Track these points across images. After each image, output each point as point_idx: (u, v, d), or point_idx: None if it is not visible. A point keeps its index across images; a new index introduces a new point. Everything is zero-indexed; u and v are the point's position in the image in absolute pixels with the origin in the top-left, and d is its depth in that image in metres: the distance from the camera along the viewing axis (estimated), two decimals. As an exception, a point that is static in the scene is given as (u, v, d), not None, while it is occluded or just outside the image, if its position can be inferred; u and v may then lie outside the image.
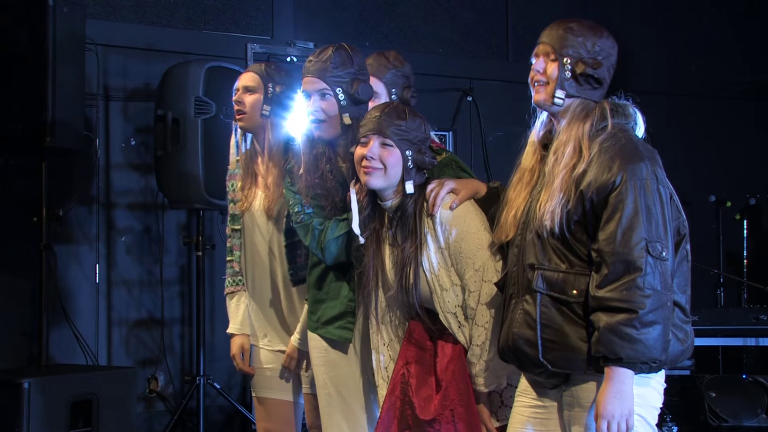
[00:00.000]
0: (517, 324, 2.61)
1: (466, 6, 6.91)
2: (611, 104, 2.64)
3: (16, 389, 4.50)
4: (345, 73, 3.12)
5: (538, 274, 2.57)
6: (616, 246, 2.45)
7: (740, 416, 5.80)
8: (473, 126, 6.73)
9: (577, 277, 2.53)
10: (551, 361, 2.55)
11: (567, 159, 2.56)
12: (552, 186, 2.56)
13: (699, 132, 7.49)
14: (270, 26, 6.21)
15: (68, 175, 5.47)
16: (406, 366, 2.97)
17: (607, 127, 2.59)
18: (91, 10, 5.57)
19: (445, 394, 2.87)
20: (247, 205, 3.54)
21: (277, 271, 3.52)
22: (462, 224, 2.85)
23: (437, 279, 2.88)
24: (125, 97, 5.79)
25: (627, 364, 2.44)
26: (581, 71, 2.60)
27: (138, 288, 5.81)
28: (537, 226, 2.57)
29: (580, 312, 2.52)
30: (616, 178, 2.48)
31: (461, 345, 2.90)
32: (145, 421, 5.72)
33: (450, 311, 2.88)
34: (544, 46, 2.65)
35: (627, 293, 2.42)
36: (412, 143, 2.90)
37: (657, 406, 2.60)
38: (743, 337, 5.37)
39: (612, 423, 2.45)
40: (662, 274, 2.45)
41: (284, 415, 3.59)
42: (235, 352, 3.65)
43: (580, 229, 2.54)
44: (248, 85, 3.53)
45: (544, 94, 2.63)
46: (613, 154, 2.52)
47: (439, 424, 2.86)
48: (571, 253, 2.55)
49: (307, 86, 3.15)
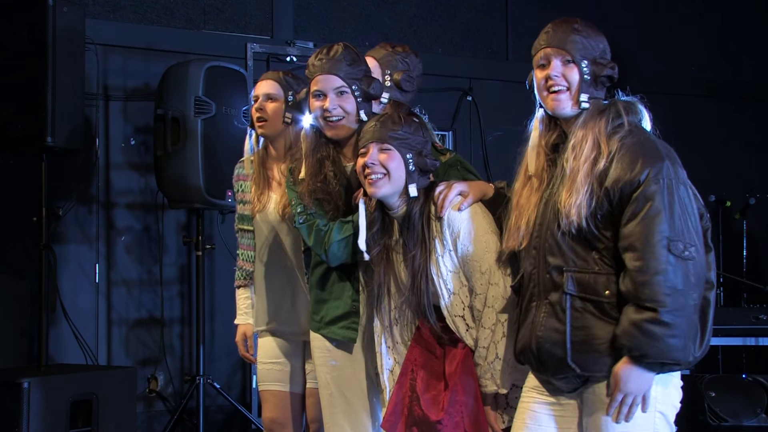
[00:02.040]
0: (541, 327, 2.58)
1: (466, 5, 6.91)
2: (623, 103, 2.64)
3: (15, 389, 4.49)
4: (358, 70, 3.10)
5: (568, 276, 2.54)
6: (637, 244, 2.44)
7: (740, 416, 5.80)
8: (473, 126, 6.73)
9: (609, 277, 2.52)
10: (580, 363, 2.53)
11: (587, 152, 2.54)
12: (575, 181, 2.53)
13: (699, 132, 7.49)
14: (270, 26, 6.21)
15: (68, 174, 5.47)
16: (414, 367, 2.98)
17: (624, 125, 2.58)
18: (90, 9, 5.57)
19: (453, 394, 2.87)
20: (261, 208, 3.57)
21: (290, 270, 3.54)
22: (470, 226, 2.84)
23: (445, 283, 2.88)
24: (125, 96, 5.79)
25: (647, 364, 2.45)
26: (601, 73, 2.61)
27: (138, 288, 5.81)
28: (563, 224, 2.54)
29: (612, 312, 2.51)
30: (640, 177, 2.47)
31: (469, 347, 2.90)
32: (145, 420, 5.72)
33: (458, 314, 2.88)
34: (556, 50, 2.61)
35: (649, 291, 2.42)
36: (411, 147, 2.90)
37: (677, 405, 2.62)
38: (743, 337, 5.37)
39: (627, 397, 2.48)
40: (685, 273, 2.43)
41: (288, 406, 3.62)
42: (238, 339, 3.76)
43: (607, 225, 2.53)
44: (269, 93, 3.56)
45: (567, 100, 2.61)
46: (635, 152, 2.51)
47: (447, 423, 2.86)
48: (597, 253, 2.53)
49: (321, 85, 3.10)
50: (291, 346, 3.60)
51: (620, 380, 2.47)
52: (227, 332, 5.99)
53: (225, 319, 5.97)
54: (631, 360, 2.46)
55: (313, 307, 3.29)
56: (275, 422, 3.62)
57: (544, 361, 2.59)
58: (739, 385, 5.89)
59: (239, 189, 3.73)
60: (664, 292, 2.41)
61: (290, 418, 3.63)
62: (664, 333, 2.41)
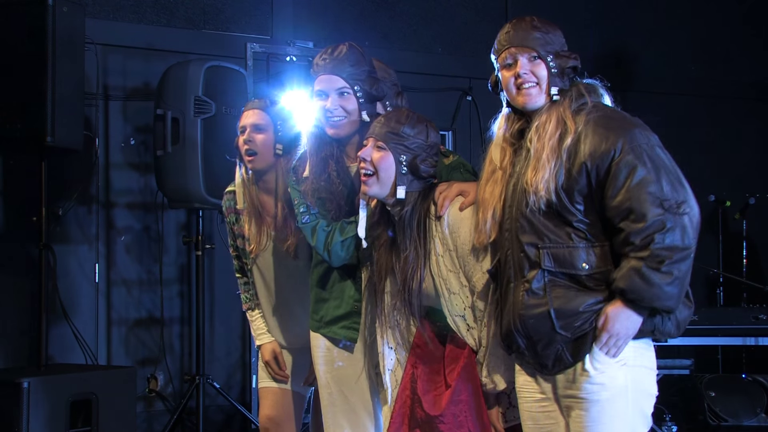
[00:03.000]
0: (522, 305, 2.63)
1: (466, 5, 6.91)
2: (584, 85, 2.70)
3: (15, 389, 4.50)
4: (361, 70, 3.09)
5: (544, 252, 2.60)
6: (634, 207, 2.50)
7: (740, 416, 5.80)
8: (473, 125, 6.72)
9: (586, 250, 2.58)
10: (567, 328, 2.58)
11: (551, 131, 2.60)
12: (540, 159, 2.59)
13: (698, 131, 7.49)
14: (269, 26, 6.22)
15: (68, 174, 5.47)
16: (414, 369, 2.97)
17: (587, 103, 2.64)
18: (90, 9, 5.57)
19: (454, 393, 2.87)
20: (262, 248, 3.49)
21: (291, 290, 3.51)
22: (470, 227, 2.84)
23: (445, 282, 2.87)
24: (125, 96, 5.79)
25: (639, 307, 2.53)
26: (567, 66, 2.67)
27: (137, 287, 5.81)
28: (531, 201, 2.59)
29: (589, 284, 2.58)
30: (616, 147, 2.54)
31: (470, 346, 2.90)
32: (145, 420, 5.72)
33: (458, 314, 2.88)
34: (521, 48, 2.67)
35: (653, 248, 2.48)
36: (409, 149, 2.87)
37: (653, 393, 2.66)
38: (743, 337, 5.37)
39: (611, 339, 2.55)
40: (683, 228, 2.51)
41: (285, 404, 3.60)
42: (268, 358, 3.60)
43: (582, 199, 2.58)
44: (257, 123, 3.43)
45: (538, 95, 2.67)
46: (605, 125, 2.58)
47: (449, 420, 2.86)
48: (570, 227, 2.59)
49: (324, 85, 3.09)
50: (297, 351, 3.60)
51: (608, 320, 2.54)
52: (227, 332, 6.00)
53: (225, 318, 5.97)
54: (624, 302, 2.54)
55: (313, 306, 3.28)
56: (272, 420, 3.59)
57: (532, 337, 2.63)
58: (738, 384, 5.90)
59: (233, 221, 3.59)
60: (665, 247, 2.49)
61: (287, 417, 3.59)
62: (664, 281, 2.50)
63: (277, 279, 3.53)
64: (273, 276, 3.53)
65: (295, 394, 3.63)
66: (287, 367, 3.62)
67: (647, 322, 2.57)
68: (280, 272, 3.52)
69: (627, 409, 2.58)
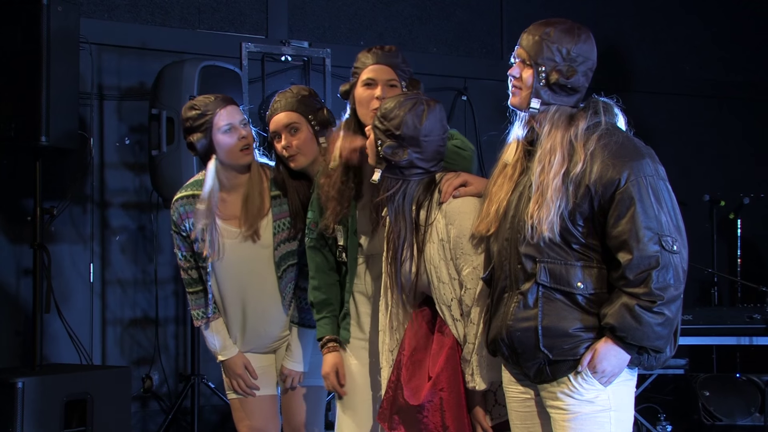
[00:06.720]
0: (512, 317, 2.61)
1: (461, 5, 6.91)
2: (603, 103, 2.66)
3: (9, 389, 4.49)
4: (407, 69, 3.16)
5: (542, 267, 2.57)
6: (630, 242, 2.49)
7: (734, 415, 5.81)
8: (468, 125, 6.73)
9: (583, 270, 2.56)
10: (551, 348, 2.57)
11: (557, 167, 2.56)
12: (544, 196, 2.55)
13: (693, 131, 7.51)
14: (264, 25, 6.21)
15: (62, 174, 5.47)
16: (402, 357, 2.98)
17: (601, 123, 2.60)
18: (85, 8, 5.56)
19: (435, 382, 2.88)
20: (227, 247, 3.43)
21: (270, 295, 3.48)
22: (466, 220, 2.85)
23: (436, 270, 2.88)
24: (120, 96, 5.78)
25: (628, 345, 2.51)
26: (554, 80, 2.60)
27: (132, 287, 5.80)
28: (533, 235, 2.56)
29: (582, 304, 2.56)
30: (621, 176, 2.51)
31: (456, 341, 2.90)
32: (140, 420, 5.72)
33: (446, 303, 2.89)
34: (522, 50, 2.66)
35: (644, 286, 2.47)
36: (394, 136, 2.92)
37: (632, 411, 2.67)
38: (737, 336, 5.37)
39: (597, 376, 2.54)
40: (675, 268, 2.49)
41: (267, 410, 3.58)
42: (240, 372, 3.53)
43: (585, 223, 2.56)
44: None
45: (519, 99, 2.68)
46: (614, 151, 2.54)
47: (428, 411, 2.86)
48: (570, 247, 2.57)
49: (377, 74, 3.10)
50: (261, 355, 3.58)
51: (597, 356, 2.53)
52: (222, 332, 5.99)
53: (220, 318, 5.96)
54: (613, 339, 2.52)
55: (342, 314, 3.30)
56: (255, 429, 3.57)
57: (516, 349, 2.62)
58: (733, 384, 5.90)
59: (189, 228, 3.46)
60: (659, 287, 2.47)
61: (268, 422, 3.57)
62: (655, 321, 2.48)
63: (243, 275, 3.47)
64: (238, 273, 3.47)
65: (271, 398, 3.60)
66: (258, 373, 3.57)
67: (634, 358, 2.56)
68: (245, 267, 3.46)
69: (610, 423, 2.58)
